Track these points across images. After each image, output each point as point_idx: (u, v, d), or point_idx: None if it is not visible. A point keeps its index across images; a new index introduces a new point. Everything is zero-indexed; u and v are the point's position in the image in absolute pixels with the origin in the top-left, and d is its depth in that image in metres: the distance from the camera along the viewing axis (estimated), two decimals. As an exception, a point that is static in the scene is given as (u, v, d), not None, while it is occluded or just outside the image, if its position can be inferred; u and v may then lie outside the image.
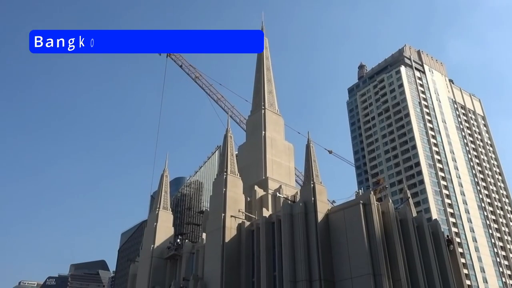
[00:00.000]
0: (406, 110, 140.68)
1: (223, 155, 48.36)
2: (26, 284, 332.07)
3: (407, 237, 39.63)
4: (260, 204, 46.96)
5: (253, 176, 51.31)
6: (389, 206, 39.73)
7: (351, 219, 38.06)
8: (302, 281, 36.26)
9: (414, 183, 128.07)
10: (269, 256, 39.88)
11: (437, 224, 45.89)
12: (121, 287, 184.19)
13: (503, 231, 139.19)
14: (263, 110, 57.09)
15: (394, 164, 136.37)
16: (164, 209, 53.06)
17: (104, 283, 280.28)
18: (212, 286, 40.34)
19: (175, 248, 48.98)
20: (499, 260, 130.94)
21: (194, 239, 72.55)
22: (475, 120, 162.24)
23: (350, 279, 35.80)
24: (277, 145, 55.29)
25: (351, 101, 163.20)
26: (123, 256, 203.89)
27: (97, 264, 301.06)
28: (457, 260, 46.39)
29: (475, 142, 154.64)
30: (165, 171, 56.05)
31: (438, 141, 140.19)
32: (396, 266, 36.57)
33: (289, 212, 40.14)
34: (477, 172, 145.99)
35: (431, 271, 39.73)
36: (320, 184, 41.26)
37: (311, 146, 43.66)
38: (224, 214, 42.71)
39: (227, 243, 41.45)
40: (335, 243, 38.16)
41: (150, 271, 48.14)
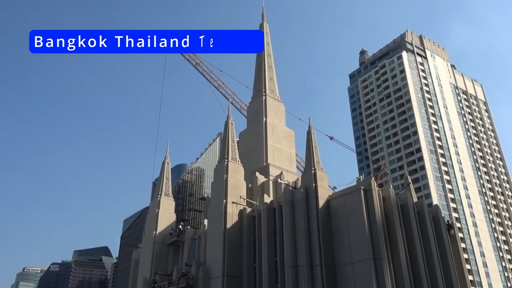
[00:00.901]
0: (407, 95, 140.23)
1: (224, 141, 48.38)
2: (30, 270, 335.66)
3: (407, 222, 39.86)
4: (261, 191, 47.14)
5: (254, 163, 51.42)
6: (390, 191, 39.87)
7: (352, 205, 38.25)
8: (303, 266, 36.59)
9: (415, 168, 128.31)
10: (270, 242, 40.17)
11: (437, 209, 46.09)
12: (124, 273, 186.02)
13: (503, 216, 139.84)
14: (264, 96, 56.95)
15: (395, 150, 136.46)
16: (166, 196, 53.30)
17: (107, 269, 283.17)
18: (214, 271, 40.73)
19: (177, 234, 49.30)
20: (499, 245, 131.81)
21: (196, 225, 73.09)
22: (476, 106, 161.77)
23: (351, 264, 36.12)
24: (278, 132, 55.28)
25: (352, 87, 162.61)
26: (126, 242, 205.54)
27: (100, 251, 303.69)
28: (457, 245, 46.68)
29: (477, 127, 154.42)
30: (167, 158, 56.15)
31: (439, 127, 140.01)
32: (397, 251, 36.84)
33: (290, 198, 40.33)
34: (478, 157, 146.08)
35: (431, 255, 40.04)
36: (321, 170, 41.36)
37: (312, 132, 43.64)
38: (225, 201, 42.92)
39: (228, 229, 41.73)
40: (336, 229, 38.40)
41: (153, 257, 48.56)
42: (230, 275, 39.82)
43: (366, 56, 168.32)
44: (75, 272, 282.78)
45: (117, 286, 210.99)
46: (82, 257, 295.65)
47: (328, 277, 35.96)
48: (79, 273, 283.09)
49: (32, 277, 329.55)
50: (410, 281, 36.58)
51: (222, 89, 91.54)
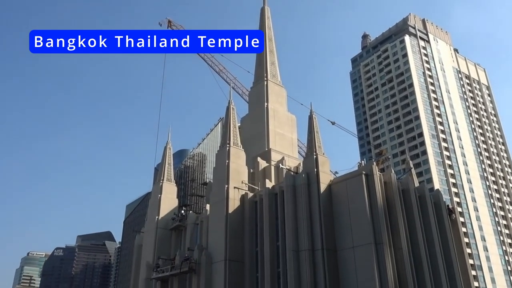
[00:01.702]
0: (409, 80, 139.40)
1: (225, 127, 48.34)
2: (34, 254, 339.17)
3: (409, 207, 40.00)
4: (263, 176, 47.23)
5: (256, 148, 51.43)
6: (391, 176, 39.93)
7: (353, 190, 38.34)
8: (305, 251, 36.85)
9: (417, 153, 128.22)
10: (272, 227, 40.39)
11: (439, 194, 46.22)
12: (127, 257, 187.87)
13: (504, 201, 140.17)
14: (266, 81, 56.69)
15: (397, 135, 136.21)
16: (168, 181, 53.47)
17: (110, 254, 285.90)
18: (216, 256, 41.06)
19: (179, 219, 49.59)
20: (500, 229, 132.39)
21: (198, 210, 73.40)
22: (479, 90, 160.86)
23: (352, 248, 36.36)
24: (279, 117, 55.16)
25: (354, 71, 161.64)
26: (129, 227, 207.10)
27: (103, 235, 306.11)
28: (458, 229, 46.94)
29: (479, 112, 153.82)
30: (168, 144, 56.17)
31: (441, 112, 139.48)
32: (398, 236, 37.05)
33: (292, 183, 40.42)
34: (480, 142, 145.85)
35: (432, 240, 40.26)
36: (323, 155, 41.37)
37: (314, 117, 43.55)
38: (227, 186, 43.05)
39: (230, 214, 41.94)
40: (337, 214, 38.56)
41: (156, 241, 48.93)
42: (232, 260, 40.15)
43: (369, 40, 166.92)
44: (79, 256, 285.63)
45: (121, 270, 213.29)
46: (86, 242, 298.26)
47: (329, 261, 36.24)
48: (82, 258, 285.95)
49: (37, 262, 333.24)
50: (411, 265, 36.87)
51: (223, 74, 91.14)
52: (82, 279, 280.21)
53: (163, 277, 44.83)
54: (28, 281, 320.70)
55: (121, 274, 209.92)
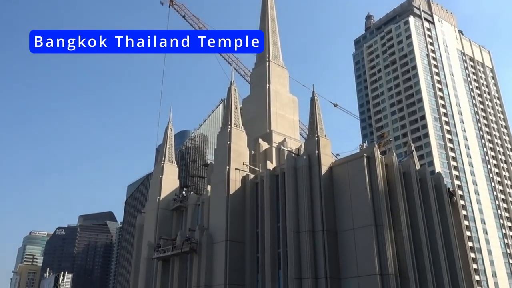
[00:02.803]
0: (413, 62, 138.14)
1: (227, 108, 48.06)
2: (36, 234, 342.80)
3: (409, 190, 39.99)
4: (264, 157, 47.15)
5: (258, 129, 51.24)
6: (392, 159, 39.80)
7: (354, 172, 38.27)
8: (305, 232, 36.98)
9: (419, 136, 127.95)
10: (273, 208, 40.49)
11: (440, 177, 46.14)
12: (128, 237, 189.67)
13: (505, 184, 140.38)
14: (268, 62, 56.16)
15: (399, 118, 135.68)
16: (169, 162, 53.46)
17: (112, 234, 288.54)
18: (217, 236, 41.28)
19: (180, 200, 49.73)
20: (500, 212, 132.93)
21: (199, 191, 73.71)
22: (483, 73, 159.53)
23: (352, 230, 36.48)
24: (281, 98, 54.80)
25: (357, 53, 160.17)
26: (130, 207, 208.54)
27: (105, 215, 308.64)
28: (458, 212, 47.03)
29: (482, 95, 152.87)
30: (169, 124, 55.96)
31: (444, 94, 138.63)
32: (398, 218, 37.12)
33: (293, 165, 40.36)
34: (482, 125, 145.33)
35: (432, 222, 40.36)
36: (325, 137, 41.19)
37: (316, 99, 43.22)
38: (228, 167, 43.01)
39: (231, 195, 42.00)
40: (338, 195, 38.58)
41: (157, 222, 49.17)
42: (233, 240, 40.37)
43: (372, 21, 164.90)
44: (81, 236, 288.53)
45: (122, 250, 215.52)
46: (87, 221, 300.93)
47: (329, 242, 36.41)
48: (84, 237, 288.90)
49: (39, 241, 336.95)
50: (411, 247, 37.03)
51: (225, 54, 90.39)
52: (84, 258, 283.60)
53: (164, 256, 45.19)
54: (30, 260, 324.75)
55: (122, 254, 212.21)
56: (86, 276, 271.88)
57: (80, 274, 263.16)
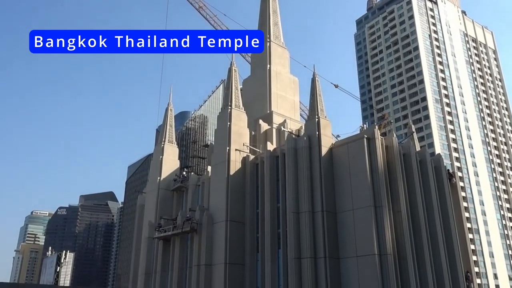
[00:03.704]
0: (415, 43, 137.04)
1: (227, 89, 47.83)
2: (38, 213, 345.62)
3: (409, 171, 40.11)
4: (264, 138, 47.14)
5: (258, 110, 51.10)
6: (393, 140, 39.79)
7: (354, 153, 38.31)
8: (305, 212, 37.23)
9: (420, 118, 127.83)
10: (273, 189, 40.67)
11: (440, 159, 46.22)
12: (129, 217, 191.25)
13: (505, 166, 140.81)
14: (268, 43, 55.62)
15: (400, 99, 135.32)
16: (169, 143, 53.45)
17: (113, 213, 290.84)
18: (218, 216, 41.58)
19: (181, 180, 49.89)
20: (499, 194, 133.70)
21: (199, 172, 73.90)
22: (485, 54, 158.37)
23: (352, 211, 36.71)
24: (282, 79, 54.49)
25: (359, 33, 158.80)
26: (131, 187, 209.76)
27: (105, 196, 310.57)
28: (457, 194, 47.26)
29: (484, 76, 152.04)
30: (170, 105, 55.73)
31: (446, 76, 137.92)
32: (397, 199, 37.33)
33: (293, 146, 40.38)
34: (483, 107, 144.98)
35: (432, 203, 40.60)
36: (325, 119, 41.11)
37: (317, 80, 42.97)
38: (228, 148, 43.03)
39: (231, 175, 42.14)
40: (338, 177, 38.71)
41: (157, 202, 49.42)
42: (233, 220, 40.68)
43: (374, 0, 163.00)
44: (82, 216, 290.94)
45: (123, 230, 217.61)
46: (89, 201, 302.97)
47: (329, 222, 36.68)
48: (86, 217, 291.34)
49: (41, 220, 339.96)
50: (409, 227, 37.34)
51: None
52: (85, 238, 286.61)
53: (165, 236, 45.61)
54: (32, 239, 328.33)
55: (123, 233, 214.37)
56: (88, 255, 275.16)
57: (81, 253, 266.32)
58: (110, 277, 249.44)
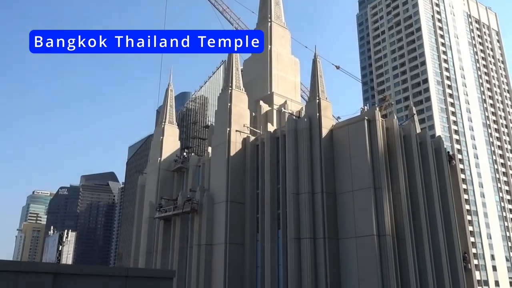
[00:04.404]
0: (418, 24, 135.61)
1: (228, 69, 47.58)
2: (39, 193, 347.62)
3: (409, 153, 40.20)
4: (265, 119, 47.10)
5: (259, 91, 50.92)
6: (393, 122, 39.77)
7: (355, 135, 38.34)
8: (305, 194, 37.46)
9: (421, 100, 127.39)
10: (273, 170, 40.83)
11: (440, 141, 46.27)
12: (130, 197, 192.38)
13: (505, 149, 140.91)
14: (270, 23, 55.06)
15: (401, 81, 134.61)
16: (170, 123, 53.44)
17: (114, 194, 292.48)
18: (218, 197, 41.86)
19: (181, 161, 50.04)
20: (498, 176, 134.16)
21: (200, 153, 74.08)
22: (488, 36, 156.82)
23: (351, 192, 36.92)
24: (283, 60, 54.12)
25: (361, 14, 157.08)
26: (131, 168, 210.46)
27: (106, 176, 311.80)
28: (457, 176, 47.46)
29: (486, 58, 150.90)
30: (170, 86, 55.52)
31: (448, 57, 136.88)
32: (397, 180, 37.49)
33: (294, 127, 40.38)
34: (485, 89, 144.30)
35: (431, 185, 40.80)
36: (326, 100, 41.02)
37: (318, 61, 42.72)
38: (229, 129, 43.05)
39: (232, 156, 42.25)
40: (338, 158, 38.81)
41: (158, 182, 49.69)
42: (233, 201, 40.97)
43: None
44: (83, 196, 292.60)
45: (124, 210, 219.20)
46: (90, 182, 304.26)
47: (328, 203, 36.94)
48: (87, 197, 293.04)
49: (42, 200, 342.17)
50: (408, 209, 37.62)
51: (226, 14, 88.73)
52: (87, 217, 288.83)
53: (166, 216, 46.00)
54: (34, 218, 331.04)
55: (124, 213, 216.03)
56: (90, 234, 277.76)
57: (83, 232, 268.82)
58: (112, 256, 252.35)
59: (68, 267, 20.40)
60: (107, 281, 11.39)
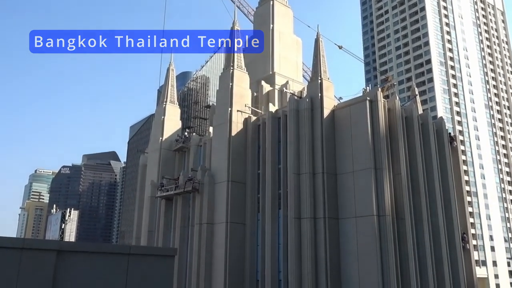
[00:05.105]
0: (422, 3, 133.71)
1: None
2: (42, 172, 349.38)
3: (410, 134, 40.18)
4: (266, 99, 46.98)
5: (260, 71, 50.64)
6: (395, 103, 39.64)
7: (356, 116, 38.26)
8: (306, 174, 37.60)
9: (423, 81, 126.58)
10: (274, 150, 40.91)
11: (441, 122, 46.18)
12: (132, 176, 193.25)
13: (506, 130, 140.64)
14: (272, 1, 54.37)
15: (404, 61, 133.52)
16: (171, 103, 53.33)
17: (116, 173, 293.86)
18: (219, 176, 42.05)
19: (183, 141, 50.12)
20: (499, 158, 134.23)
21: (201, 133, 74.10)
22: (493, 16, 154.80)
23: (352, 173, 37.05)
24: (285, 39, 53.64)
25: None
26: (133, 147, 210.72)
27: (108, 155, 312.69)
28: (458, 157, 47.54)
29: (491, 39, 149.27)
30: (171, 65, 55.19)
31: (452, 38, 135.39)
32: (398, 161, 37.58)
33: (295, 107, 40.29)
34: (488, 70, 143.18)
35: (432, 166, 40.90)
36: (328, 80, 40.81)
37: (320, 41, 42.35)
38: (230, 109, 42.98)
39: (233, 136, 42.29)
40: (339, 139, 38.83)
41: (159, 162, 49.88)
42: (234, 181, 41.17)
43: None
44: (85, 175, 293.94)
45: (126, 189, 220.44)
46: (91, 161, 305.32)
47: (329, 184, 37.11)
48: (89, 176, 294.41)
49: (44, 179, 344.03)
50: (409, 189, 37.79)
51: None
52: (89, 196, 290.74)
53: (167, 195, 46.32)
54: (37, 197, 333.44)
55: (126, 192, 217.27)
56: (92, 213, 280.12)
57: (85, 211, 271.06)
58: (114, 234, 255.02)
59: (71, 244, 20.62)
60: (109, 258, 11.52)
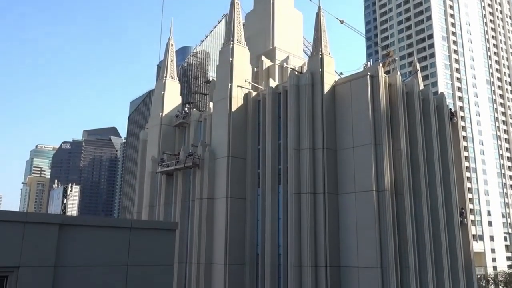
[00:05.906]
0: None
1: (229, 23, 46.63)
2: (42, 147, 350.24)
3: (411, 109, 40.10)
4: (267, 75, 46.68)
5: (260, 46, 50.17)
6: (396, 78, 39.40)
7: (357, 91, 38.10)
8: (306, 149, 37.69)
9: (425, 56, 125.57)
10: (274, 125, 40.91)
11: (442, 98, 46.01)
12: (132, 151, 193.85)
13: (507, 106, 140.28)
14: (272, -26, 53.43)
15: (406, 36, 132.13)
16: (171, 78, 53.02)
17: (116, 148, 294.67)
18: (219, 152, 42.18)
19: (183, 116, 50.05)
20: (499, 134, 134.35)
21: (201, 108, 73.91)
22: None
23: (352, 148, 37.14)
24: (285, 14, 52.93)
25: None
26: (133, 123, 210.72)
27: (108, 131, 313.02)
28: (458, 133, 47.56)
29: (494, 14, 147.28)
30: (170, 40, 54.61)
31: (454, 12, 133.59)
32: (398, 137, 37.61)
33: (296, 83, 40.09)
34: (491, 46, 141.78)
35: (431, 142, 40.97)
36: (329, 55, 40.47)
37: (322, 15, 41.82)
38: (230, 84, 42.77)
39: (233, 112, 42.22)
40: (340, 114, 38.77)
41: (160, 137, 49.93)
42: (234, 156, 41.32)
43: None
44: (86, 150, 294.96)
45: (127, 164, 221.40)
46: (92, 136, 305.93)
47: (329, 159, 37.25)
48: (89, 152, 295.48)
49: (45, 154, 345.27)
50: (408, 165, 37.94)
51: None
52: (90, 172, 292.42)
53: (168, 171, 46.55)
54: (38, 172, 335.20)
55: (127, 167, 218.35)
56: (93, 188, 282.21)
57: (87, 186, 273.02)
58: (116, 209, 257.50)
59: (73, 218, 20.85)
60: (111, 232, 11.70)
